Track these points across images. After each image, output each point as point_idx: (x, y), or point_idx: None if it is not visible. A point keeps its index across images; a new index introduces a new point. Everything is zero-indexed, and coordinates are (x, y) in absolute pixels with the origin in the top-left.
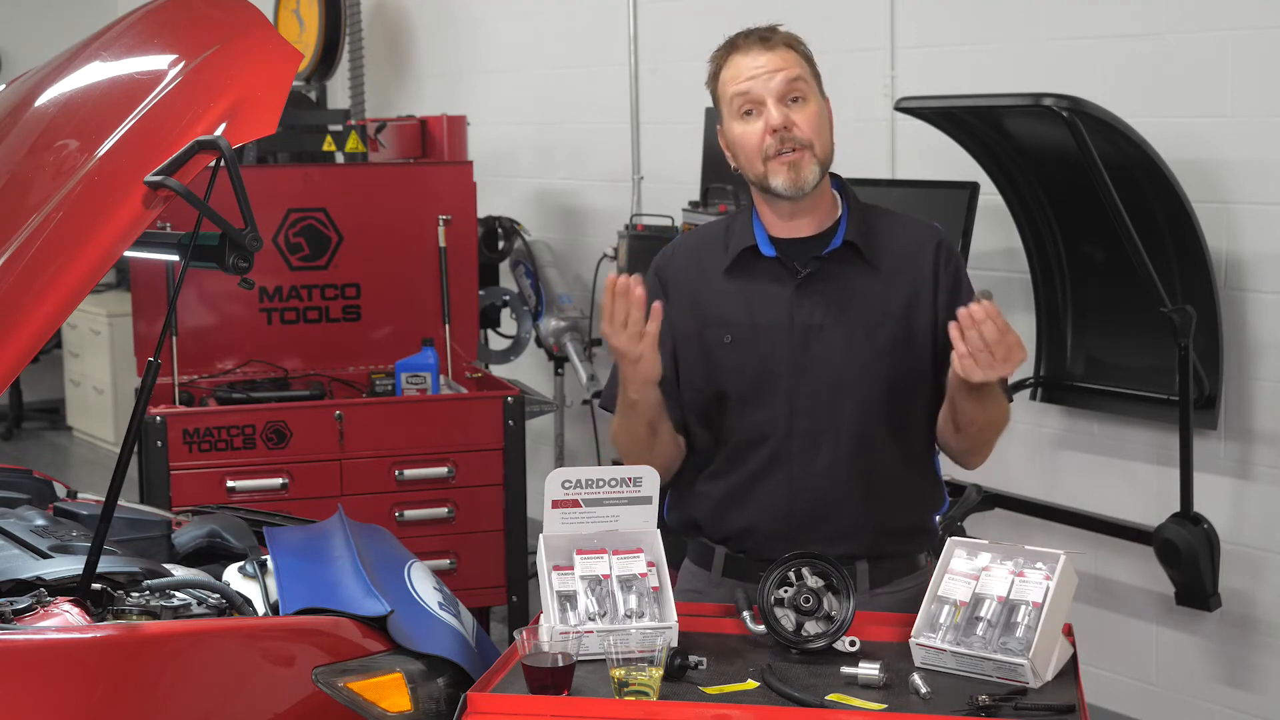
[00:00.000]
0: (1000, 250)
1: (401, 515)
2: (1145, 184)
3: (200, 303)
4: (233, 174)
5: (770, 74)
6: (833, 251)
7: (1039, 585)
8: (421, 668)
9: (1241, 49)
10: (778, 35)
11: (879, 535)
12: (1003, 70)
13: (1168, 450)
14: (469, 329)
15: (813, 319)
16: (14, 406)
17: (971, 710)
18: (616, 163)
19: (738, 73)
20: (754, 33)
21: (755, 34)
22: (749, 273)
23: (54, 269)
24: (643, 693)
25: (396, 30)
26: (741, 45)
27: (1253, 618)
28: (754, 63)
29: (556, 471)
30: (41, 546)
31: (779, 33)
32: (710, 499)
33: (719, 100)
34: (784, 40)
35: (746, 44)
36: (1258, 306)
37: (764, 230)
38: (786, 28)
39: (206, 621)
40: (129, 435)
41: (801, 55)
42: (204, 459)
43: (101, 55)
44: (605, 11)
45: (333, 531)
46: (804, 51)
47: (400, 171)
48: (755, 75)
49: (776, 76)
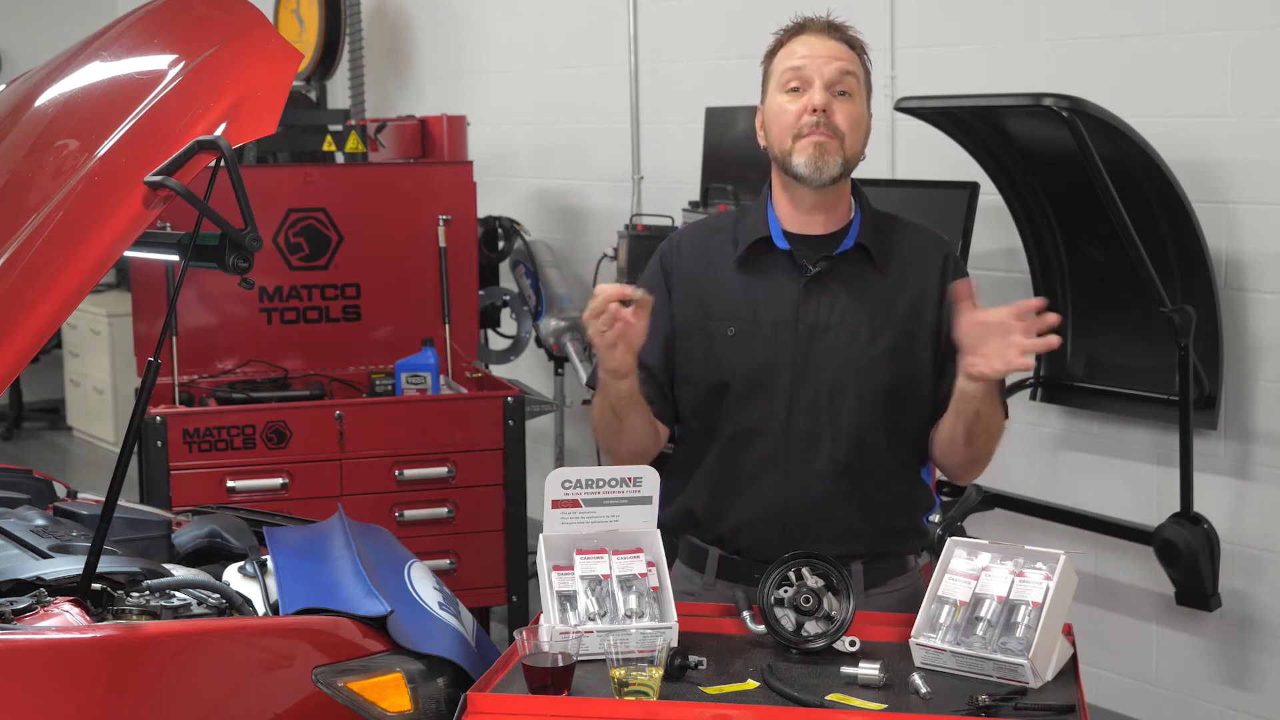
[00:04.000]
0: (1000, 250)
1: (401, 515)
2: (1145, 184)
3: (200, 303)
4: (233, 174)
5: (827, 59)
6: (844, 252)
7: (1039, 585)
8: (421, 668)
9: (1241, 49)
10: (846, 31)
11: (874, 536)
12: (1003, 70)
13: (1168, 450)
14: (469, 329)
15: (818, 318)
16: (14, 406)
17: (971, 710)
18: (616, 163)
19: (796, 49)
20: (824, 20)
21: (825, 22)
22: (759, 265)
23: (54, 269)
24: (643, 693)
25: (396, 30)
26: (809, 27)
27: (1253, 618)
28: (816, 45)
29: (556, 471)
30: (41, 546)
31: (848, 30)
32: (706, 494)
33: (769, 74)
34: (849, 38)
35: (814, 27)
36: (1258, 306)
37: (778, 223)
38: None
39: (206, 621)
40: (129, 435)
41: (860, 59)
42: (204, 459)
43: (101, 55)
44: (605, 11)
45: (333, 531)
46: (864, 57)
47: (400, 171)
48: (812, 56)
49: (832, 64)
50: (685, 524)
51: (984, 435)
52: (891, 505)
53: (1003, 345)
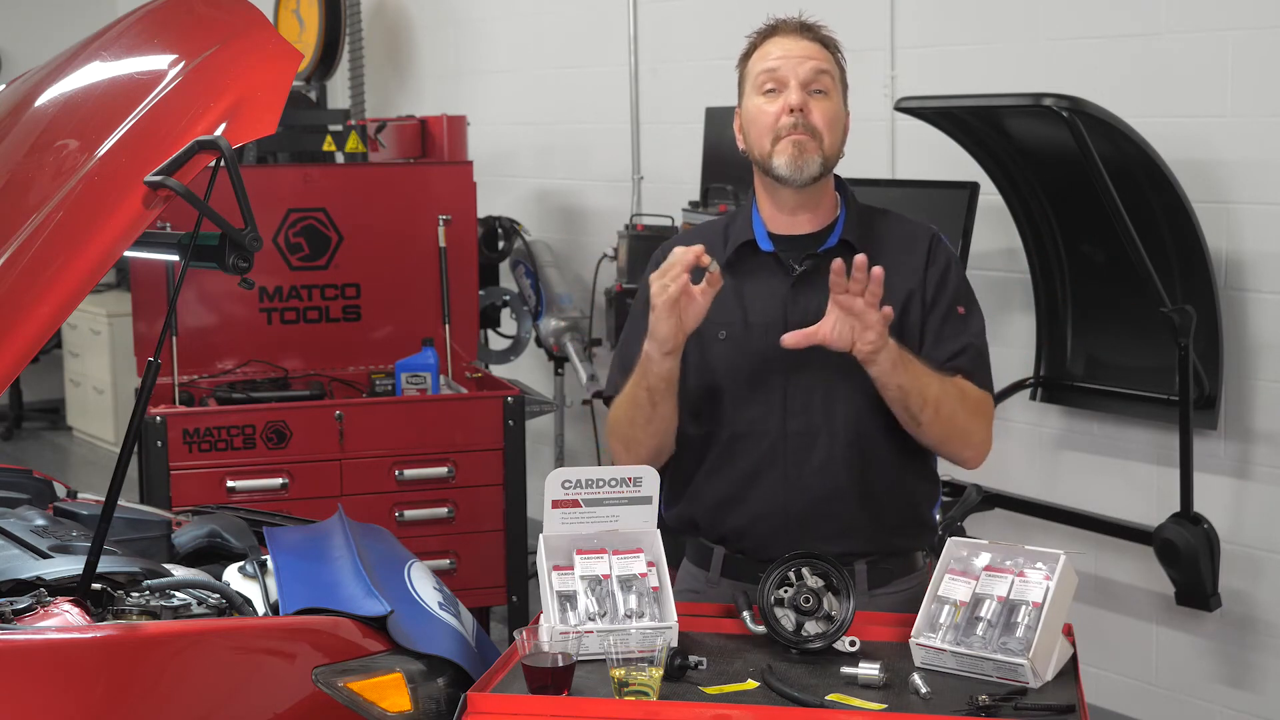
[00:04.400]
0: (1000, 250)
1: (401, 515)
2: (1145, 184)
3: (200, 303)
4: (233, 174)
5: (801, 60)
6: (829, 249)
7: (1039, 585)
8: (421, 668)
9: (1241, 49)
10: (819, 31)
11: (877, 533)
12: (1003, 70)
13: (1168, 450)
14: (469, 329)
15: (807, 317)
16: (14, 406)
17: (971, 710)
18: (616, 163)
19: (770, 51)
20: (797, 21)
21: (798, 22)
22: (745, 268)
23: (54, 269)
24: (643, 693)
25: (396, 30)
26: (782, 29)
27: (1253, 618)
28: (789, 46)
29: (556, 471)
30: (41, 546)
31: (821, 30)
32: (708, 498)
33: (744, 77)
34: (823, 37)
35: (787, 28)
36: (1258, 306)
37: (763, 225)
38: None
39: (206, 621)
40: (129, 435)
41: (835, 57)
42: (204, 459)
43: (101, 55)
44: (605, 11)
45: (333, 531)
46: (838, 55)
47: (400, 171)
48: (786, 57)
49: (807, 64)
50: (687, 528)
51: (928, 409)
52: (893, 499)
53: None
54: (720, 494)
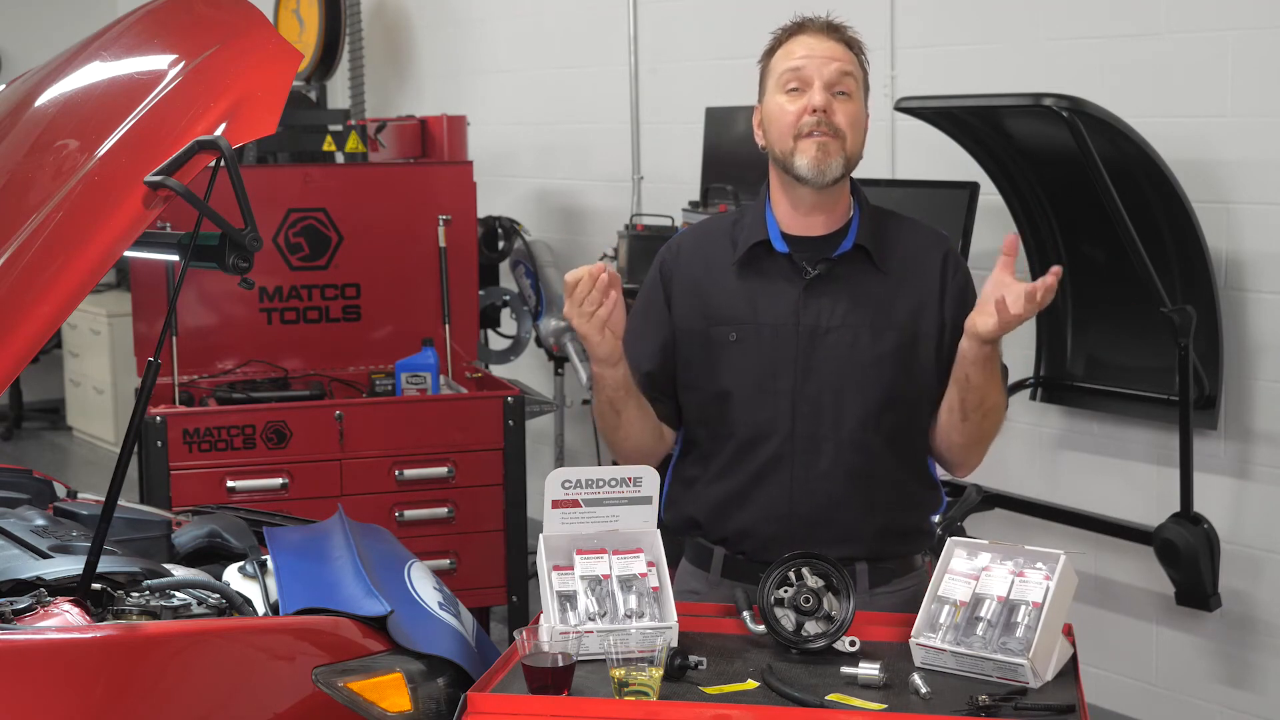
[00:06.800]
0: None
1: (401, 515)
2: (1145, 184)
3: (200, 303)
4: (233, 174)
5: (826, 60)
6: (843, 254)
7: (1039, 585)
8: (421, 668)
9: (1241, 49)
10: (844, 32)
11: (879, 538)
12: (1003, 70)
13: (1168, 450)
14: (469, 329)
15: (819, 321)
16: (14, 406)
17: (971, 710)
18: (616, 163)
19: (795, 50)
20: (823, 21)
21: (824, 22)
22: (758, 269)
23: (54, 269)
24: (643, 693)
25: (396, 30)
26: (808, 28)
27: (1253, 618)
28: (815, 45)
29: (556, 471)
30: (41, 546)
31: (846, 31)
32: (711, 499)
33: (766, 74)
34: (848, 39)
35: (813, 27)
36: (1258, 306)
37: (777, 225)
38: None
39: (206, 621)
40: (129, 435)
41: (859, 59)
42: (204, 459)
43: (101, 55)
44: (605, 11)
45: (333, 531)
46: (862, 57)
47: (400, 171)
48: (811, 56)
49: (831, 65)
50: (689, 529)
51: (978, 410)
52: (897, 506)
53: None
54: (724, 495)
